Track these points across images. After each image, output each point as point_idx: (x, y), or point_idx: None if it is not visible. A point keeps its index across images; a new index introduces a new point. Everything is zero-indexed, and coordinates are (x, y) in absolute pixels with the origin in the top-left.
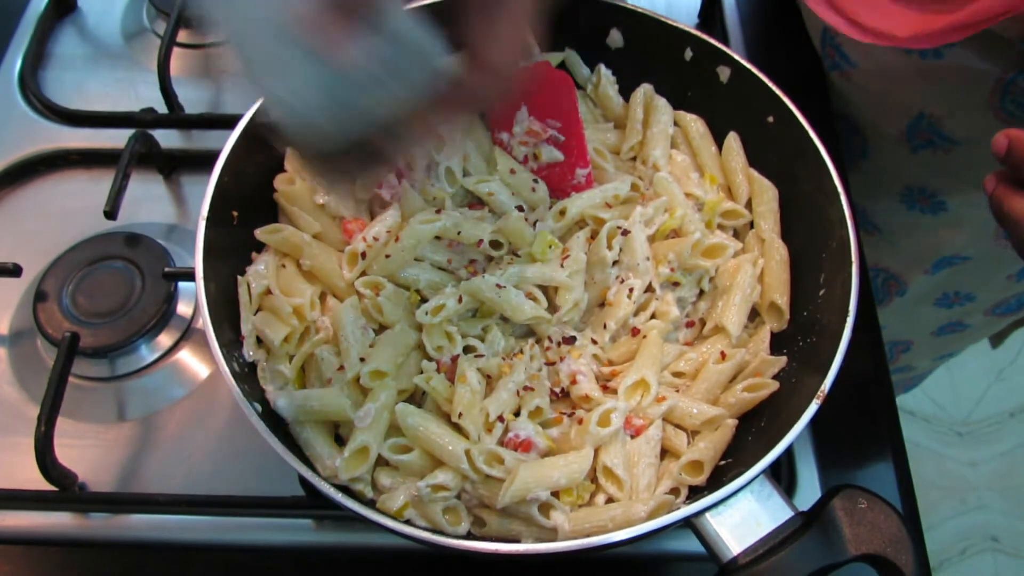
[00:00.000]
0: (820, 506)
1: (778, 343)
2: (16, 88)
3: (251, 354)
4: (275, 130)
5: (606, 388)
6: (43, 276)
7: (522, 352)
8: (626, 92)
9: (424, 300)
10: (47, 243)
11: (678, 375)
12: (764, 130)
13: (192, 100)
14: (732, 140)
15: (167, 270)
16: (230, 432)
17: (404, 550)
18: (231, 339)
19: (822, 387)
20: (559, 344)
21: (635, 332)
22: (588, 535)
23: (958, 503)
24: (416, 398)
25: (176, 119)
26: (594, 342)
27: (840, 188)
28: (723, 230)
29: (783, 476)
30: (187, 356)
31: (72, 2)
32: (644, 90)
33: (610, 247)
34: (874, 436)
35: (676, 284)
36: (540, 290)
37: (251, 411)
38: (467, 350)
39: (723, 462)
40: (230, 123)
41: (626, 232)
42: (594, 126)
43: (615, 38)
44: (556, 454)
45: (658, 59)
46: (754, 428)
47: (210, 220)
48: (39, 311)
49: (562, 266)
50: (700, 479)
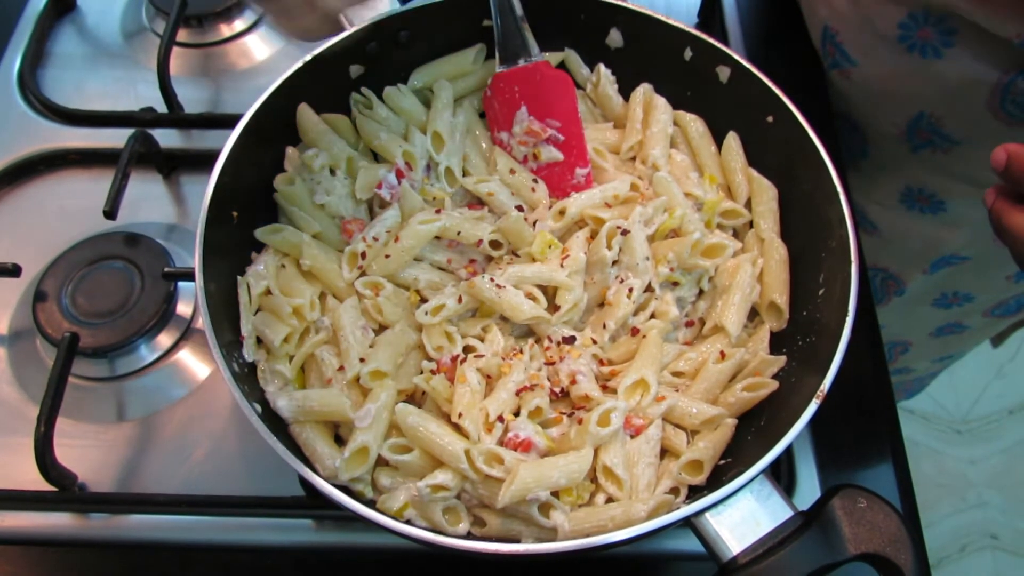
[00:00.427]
0: (820, 505)
1: (777, 342)
2: (15, 87)
3: (251, 354)
4: None
5: (606, 388)
6: (42, 276)
7: (522, 352)
8: (625, 92)
9: (424, 300)
10: (46, 243)
11: (678, 375)
12: (763, 130)
13: (192, 100)
14: (731, 140)
15: (167, 270)
16: (230, 432)
17: (404, 550)
18: (231, 339)
19: (822, 386)
20: (559, 344)
21: (635, 332)
22: (588, 535)
23: (957, 501)
24: (416, 398)
25: (176, 119)
26: (594, 342)
27: (839, 188)
28: (722, 230)
29: (782, 475)
30: (187, 356)
31: (71, 1)
32: (644, 90)
33: (610, 247)
34: (873, 435)
35: (675, 284)
36: (540, 290)
37: (251, 411)
38: (467, 350)
39: (723, 462)
40: (230, 123)
41: (625, 232)
42: (594, 126)
43: (615, 38)
44: (556, 454)
45: (658, 59)
46: (753, 428)
47: (210, 220)
48: (39, 311)
49: (562, 266)
50: (700, 479)
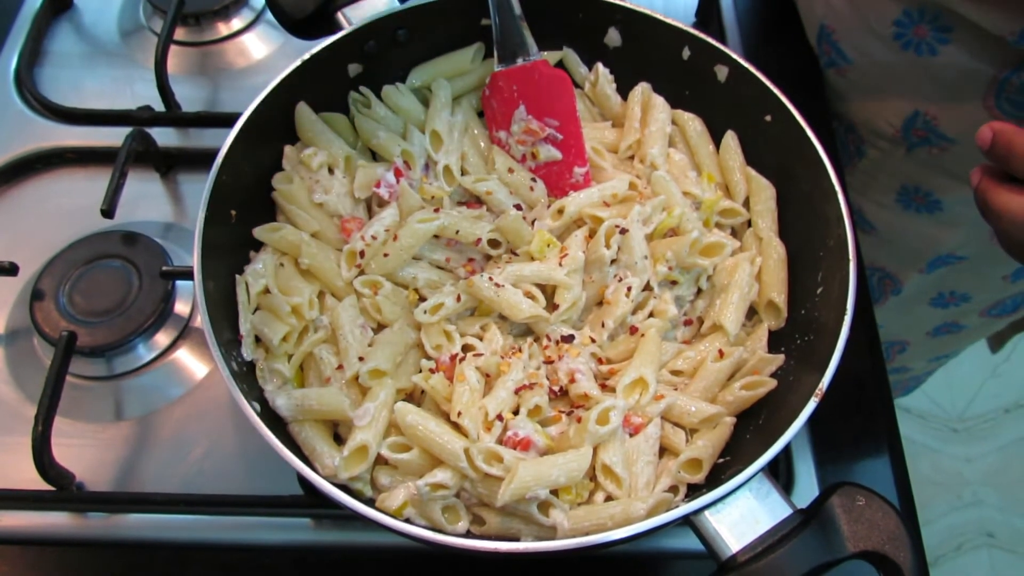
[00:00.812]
0: (818, 503)
1: (776, 341)
2: (12, 86)
3: (249, 353)
4: None
5: (605, 386)
6: (40, 275)
7: (521, 351)
8: (624, 91)
9: (423, 299)
10: (44, 242)
11: (676, 373)
12: (762, 129)
13: (189, 98)
14: (730, 139)
15: (165, 269)
16: (228, 431)
17: (403, 549)
18: (229, 338)
19: (820, 385)
20: (557, 343)
21: (633, 330)
22: (587, 533)
23: (953, 499)
24: (415, 397)
25: (173, 117)
26: (592, 340)
27: (837, 186)
28: (721, 229)
29: (781, 473)
30: (185, 355)
31: None
32: (642, 89)
33: (608, 246)
34: (871, 433)
35: (674, 283)
36: (538, 289)
37: (250, 410)
38: (466, 349)
39: (721, 460)
40: (228, 121)
41: (624, 231)
42: (592, 125)
43: (613, 37)
44: (555, 452)
45: (656, 58)
46: (752, 426)
47: (208, 219)
48: (36, 310)
49: (560, 265)
50: (699, 477)
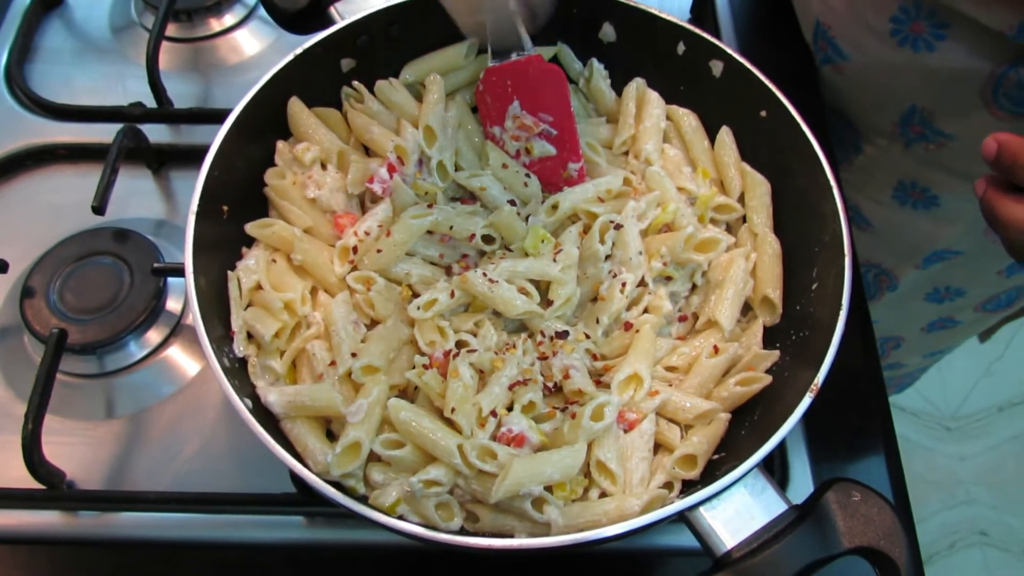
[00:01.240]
0: (814, 499)
1: (771, 337)
2: (2, 82)
3: (241, 350)
4: None
5: (599, 382)
6: (30, 272)
7: (515, 347)
8: (618, 86)
9: (416, 295)
10: (34, 239)
11: (671, 369)
12: (757, 124)
13: (181, 94)
14: (725, 134)
15: (156, 266)
16: (220, 429)
17: (397, 546)
18: (221, 335)
19: (815, 381)
20: (552, 339)
21: (628, 326)
22: (581, 530)
23: (947, 497)
24: (408, 393)
25: (165, 113)
26: (587, 336)
27: (832, 182)
28: (716, 224)
29: (775, 470)
30: (177, 352)
31: None
32: (636, 84)
33: (603, 241)
34: (866, 430)
35: (669, 278)
36: (532, 284)
37: (242, 407)
38: (459, 345)
39: (716, 456)
40: (219, 117)
41: (619, 226)
42: (586, 120)
43: (607, 32)
44: (549, 449)
45: (650, 53)
46: (747, 422)
47: (199, 215)
48: (26, 307)
49: (554, 260)
50: (694, 473)
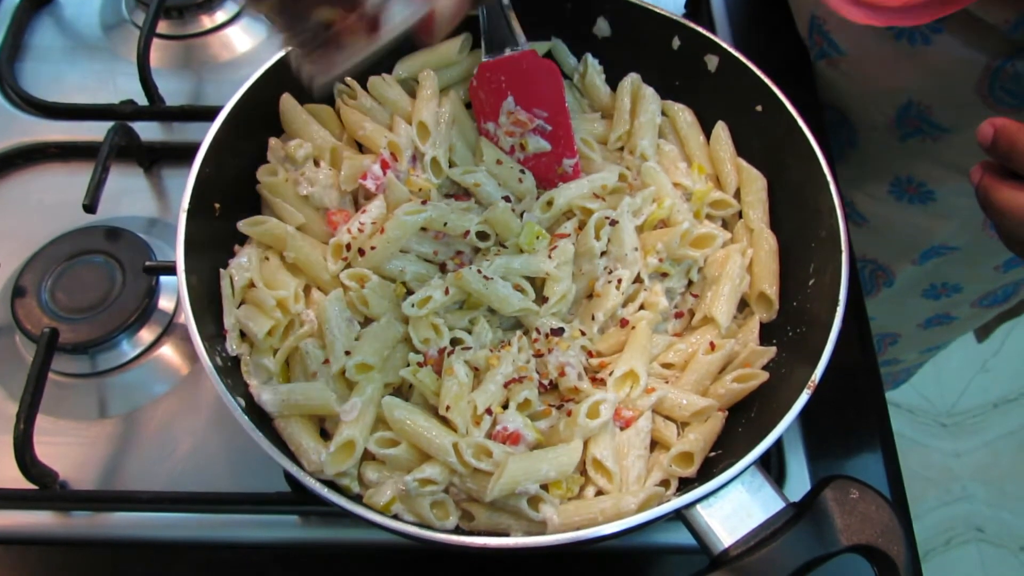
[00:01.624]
0: (811, 497)
1: (768, 333)
2: None
3: (234, 348)
4: None
5: (595, 380)
6: (21, 271)
7: (510, 344)
8: (613, 81)
9: (410, 292)
10: (25, 237)
11: (667, 366)
12: (752, 119)
13: (172, 92)
14: (720, 129)
15: (148, 264)
16: (213, 428)
17: (391, 545)
18: (214, 333)
19: (812, 377)
20: (547, 336)
21: (624, 323)
22: (578, 528)
23: (943, 493)
24: (403, 391)
25: (156, 111)
26: (582, 333)
27: (829, 177)
28: (712, 220)
29: (772, 467)
30: (169, 351)
31: None
32: (631, 79)
33: (598, 237)
34: (862, 427)
35: (665, 275)
36: (528, 281)
37: (235, 406)
38: (454, 342)
39: (713, 453)
40: (211, 115)
41: (614, 222)
42: (581, 116)
43: (602, 27)
44: (545, 447)
45: (645, 48)
46: (744, 419)
47: (191, 212)
48: (17, 307)
49: (550, 257)
50: (690, 471)
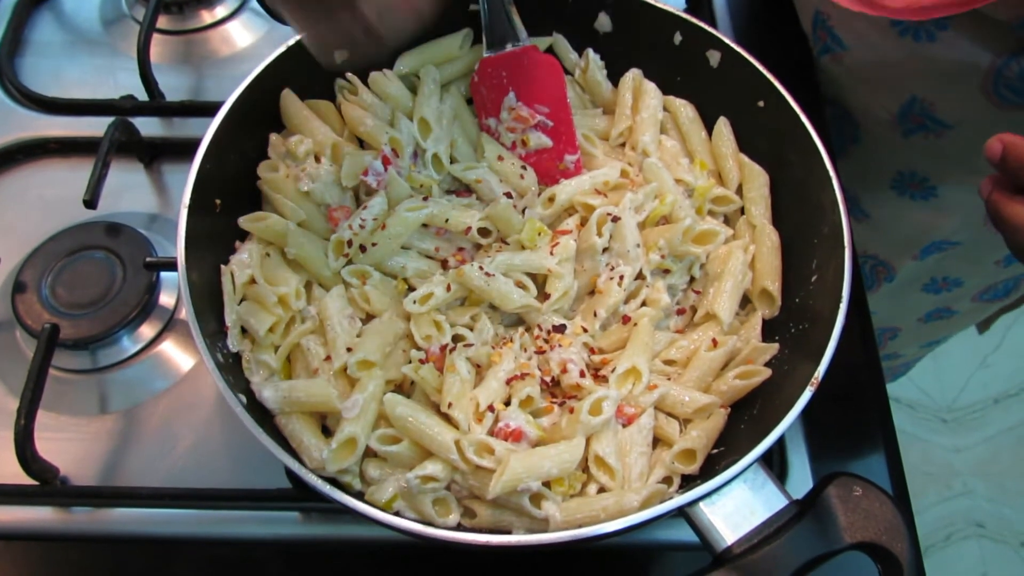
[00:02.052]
0: (814, 494)
1: (770, 330)
2: None
3: (235, 345)
4: None
5: (597, 376)
6: (22, 267)
7: (512, 341)
8: (615, 77)
9: (412, 289)
10: (25, 233)
11: (669, 363)
12: (755, 115)
13: (173, 87)
14: (722, 125)
15: (149, 260)
16: (215, 424)
17: (393, 542)
18: (215, 330)
19: (816, 374)
20: (549, 332)
21: (626, 320)
22: (580, 526)
23: (943, 489)
24: (404, 388)
25: (157, 106)
26: (584, 330)
27: (832, 173)
28: (714, 216)
29: (774, 463)
30: (170, 347)
31: None
32: (633, 75)
33: (600, 234)
34: (865, 423)
35: (667, 271)
36: (529, 278)
37: (236, 403)
38: (456, 339)
39: (716, 450)
40: (212, 110)
41: (616, 219)
42: (582, 112)
43: (603, 22)
44: (547, 444)
45: (647, 43)
46: (747, 416)
47: (192, 208)
48: (18, 302)
49: (551, 253)
50: (693, 468)
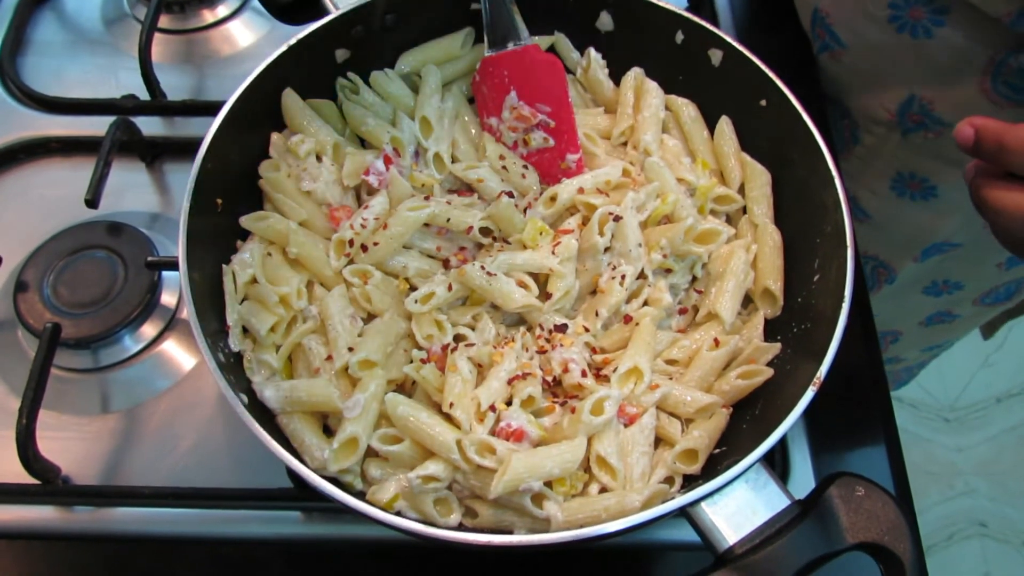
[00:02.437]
0: (817, 494)
1: (772, 329)
2: None
3: (237, 344)
4: None
5: (599, 376)
6: (23, 266)
7: (513, 340)
8: (616, 76)
9: (413, 288)
10: (27, 232)
11: (671, 362)
12: (756, 114)
13: (174, 86)
14: (724, 124)
15: (150, 259)
16: (216, 423)
17: (395, 542)
18: (216, 329)
19: (818, 373)
20: (551, 332)
21: (627, 319)
22: (582, 526)
23: (945, 488)
24: (406, 388)
25: (158, 106)
26: (586, 330)
27: (834, 172)
28: (716, 216)
29: (776, 463)
30: (172, 347)
31: None
32: (635, 74)
33: (602, 233)
34: (867, 423)
35: (669, 270)
36: (531, 277)
37: (237, 402)
38: (457, 339)
39: (718, 450)
40: (213, 109)
41: (618, 218)
42: (584, 111)
43: (605, 21)
44: (548, 443)
45: (649, 42)
46: (749, 416)
47: (193, 208)
48: (20, 301)
49: (553, 253)
50: (695, 468)
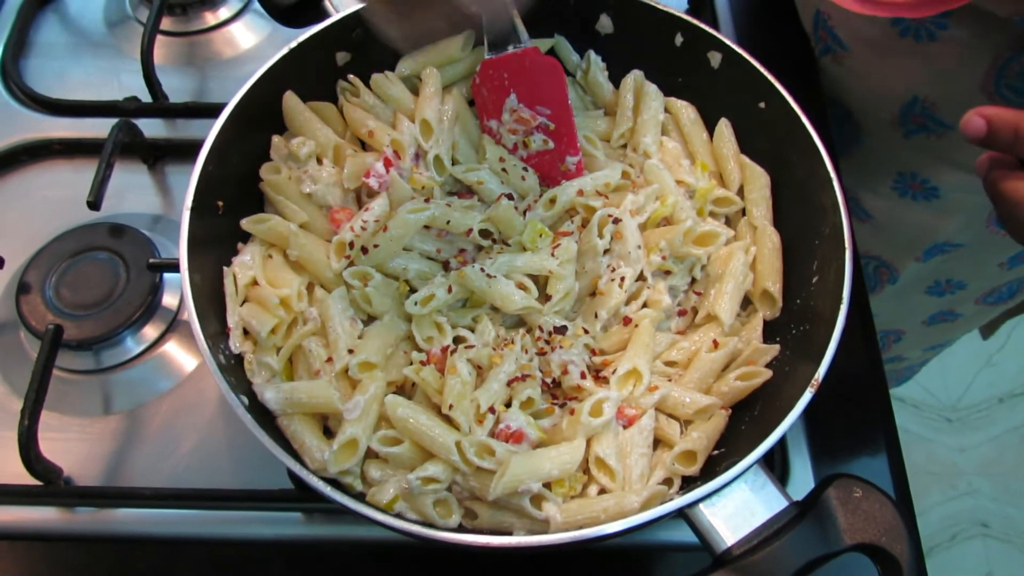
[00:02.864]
0: (815, 495)
1: (771, 331)
2: None
3: (237, 346)
4: None
5: (598, 378)
6: (26, 268)
7: (513, 342)
8: (616, 78)
9: (413, 290)
10: (29, 234)
11: (670, 364)
12: (756, 116)
13: (176, 89)
14: (723, 126)
15: (152, 261)
16: (217, 425)
17: (394, 543)
18: (217, 331)
19: (816, 375)
20: (550, 334)
21: (627, 321)
22: (580, 527)
23: (947, 488)
24: (406, 390)
25: (160, 108)
26: (585, 331)
27: (833, 174)
28: (715, 217)
29: (776, 465)
30: (173, 348)
31: None
32: (634, 76)
33: (601, 235)
34: (866, 425)
35: (668, 272)
36: (531, 279)
37: (238, 404)
38: (457, 341)
39: (716, 452)
40: (215, 112)
41: (617, 220)
42: (584, 113)
43: (605, 24)
44: (548, 445)
45: (648, 45)
46: (747, 417)
47: (195, 210)
48: (22, 303)
49: (553, 255)
50: (693, 469)
